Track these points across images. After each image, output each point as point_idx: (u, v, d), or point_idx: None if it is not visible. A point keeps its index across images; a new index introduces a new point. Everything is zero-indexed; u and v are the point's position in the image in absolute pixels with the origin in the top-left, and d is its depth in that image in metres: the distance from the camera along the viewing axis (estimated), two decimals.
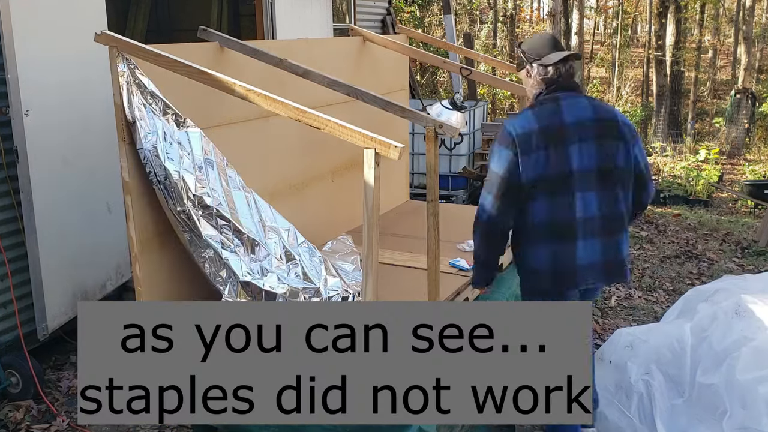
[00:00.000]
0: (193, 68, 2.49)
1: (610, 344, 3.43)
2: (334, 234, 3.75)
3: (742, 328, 2.95)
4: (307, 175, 3.69)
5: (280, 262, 2.74)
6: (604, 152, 2.64)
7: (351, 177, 4.01)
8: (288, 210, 3.53)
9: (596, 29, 28.57)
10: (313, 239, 3.77)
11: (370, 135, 2.24)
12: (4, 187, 3.69)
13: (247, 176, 3.21)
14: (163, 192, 2.59)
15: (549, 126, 2.63)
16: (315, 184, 3.77)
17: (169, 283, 2.80)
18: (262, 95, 2.42)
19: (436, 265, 2.76)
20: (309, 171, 3.70)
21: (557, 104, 2.66)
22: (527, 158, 2.59)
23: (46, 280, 3.57)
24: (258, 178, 3.27)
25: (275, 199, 3.42)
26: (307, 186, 3.70)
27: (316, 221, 3.80)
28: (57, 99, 3.58)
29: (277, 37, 5.49)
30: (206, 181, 2.62)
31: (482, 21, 23.59)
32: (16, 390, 3.64)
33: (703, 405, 2.87)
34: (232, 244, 2.64)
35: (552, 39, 2.80)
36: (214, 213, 2.60)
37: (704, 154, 11.56)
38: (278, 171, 3.45)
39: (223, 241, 2.62)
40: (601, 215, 2.64)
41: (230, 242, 2.64)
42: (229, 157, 3.09)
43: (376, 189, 2.26)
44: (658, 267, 6.10)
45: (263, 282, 2.67)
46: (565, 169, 2.60)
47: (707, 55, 22.23)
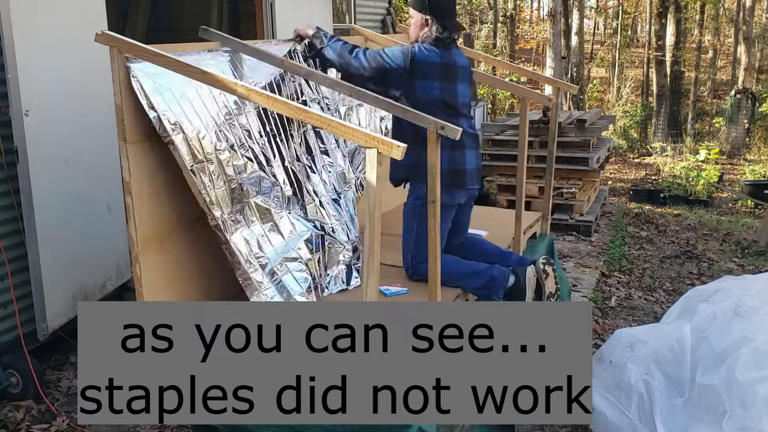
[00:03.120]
0: (194, 68, 2.49)
1: (610, 344, 3.43)
2: None
3: (741, 328, 2.95)
4: None
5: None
6: (470, 90, 3.46)
7: None
8: None
9: (596, 29, 28.58)
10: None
11: (372, 134, 2.24)
12: (4, 187, 3.69)
13: None
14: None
15: (445, 64, 3.27)
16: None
17: (169, 283, 2.80)
18: (263, 95, 2.42)
19: (437, 266, 2.76)
20: None
21: (449, 50, 3.32)
22: (422, 82, 3.20)
23: (46, 280, 3.57)
24: None
25: None
26: None
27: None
28: (57, 99, 3.58)
29: (277, 37, 5.49)
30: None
31: (482, 21, 23.60)
32: (16, 390, 3.64)
33: (703, 405, 2.87)
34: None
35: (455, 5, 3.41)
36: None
37: (704, 154, 11.55)
38: None
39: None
40: (474, 132, 3.43)
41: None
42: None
43: (377, 188, 2.26)
44: (658, 267, 6.10)
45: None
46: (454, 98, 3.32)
47: (707, 55, 22.23)
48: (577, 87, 6.44)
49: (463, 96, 3.35)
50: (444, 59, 3.24)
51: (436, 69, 3.21)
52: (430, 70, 3.19)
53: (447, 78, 3.26)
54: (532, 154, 7.00)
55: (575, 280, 5.43)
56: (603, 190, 8.15)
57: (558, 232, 6.78)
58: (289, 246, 2.99)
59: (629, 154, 15.02)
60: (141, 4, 7.95)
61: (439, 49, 3.24)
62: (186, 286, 2.89)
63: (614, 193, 10.27)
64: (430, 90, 3.19)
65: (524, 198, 3.94)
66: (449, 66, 3.27)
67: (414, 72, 3.16)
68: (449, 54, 3.28)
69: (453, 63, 3.29)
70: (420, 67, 3.16)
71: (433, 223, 2.70)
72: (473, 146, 3.37)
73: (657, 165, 13.11)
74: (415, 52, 3.17)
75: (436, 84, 3.22)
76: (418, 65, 3.16)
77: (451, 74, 3.28)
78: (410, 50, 3.18)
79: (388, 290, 3.17)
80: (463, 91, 3.35)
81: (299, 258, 3.01)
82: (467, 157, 3.31)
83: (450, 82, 3.27)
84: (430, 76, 3.20)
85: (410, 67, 3.15)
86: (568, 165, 7.18)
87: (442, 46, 3.26)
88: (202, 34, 3.17)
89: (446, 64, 3.25)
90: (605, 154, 7.95)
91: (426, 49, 3.21)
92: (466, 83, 3.40)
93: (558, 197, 6.94)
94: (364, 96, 2.86)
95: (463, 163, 3.30)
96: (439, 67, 3.22)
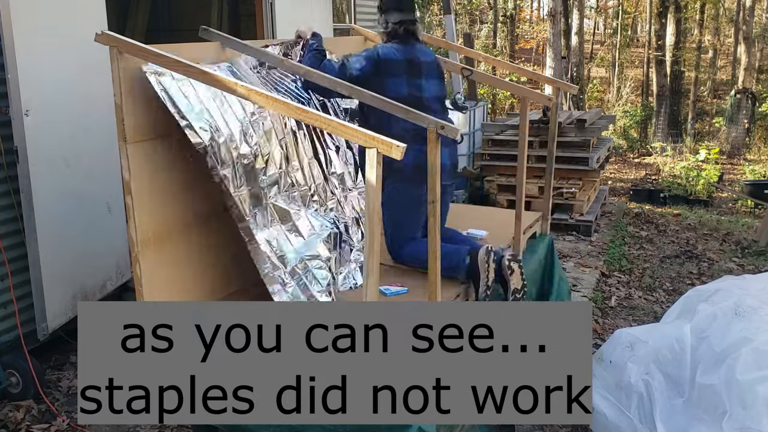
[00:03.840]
0: (194, 68, 2.49)
1: (610, 344, 3.43)
2: None
3: (741, 328, 2.95)
4: None
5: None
6: (440, 85, 3.52)
7: None
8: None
9: (596, 29, 28.57)
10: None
11: (372, 134, 2.24)
12: (4, 187, 3.69)
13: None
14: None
15: (410, 60, 3.34)
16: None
17: (169, 283, 2.80)
18: (263, 95, 2.42)
19: (436, 266, 2.76)
20: None
21: (413, 46, 3.41)
22: (392, 80, 3.28)
23: (46, 280, 3.57)
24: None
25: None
26: None
27: None
28: (57, 99, 3.58)
29: (277, 37, 5.50)
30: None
31: (482, 21, 23.61)
32: (16, 390, 3.64)
33: (703, 405, 2.87)
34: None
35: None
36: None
37: (704, 154, 11.55)
38: None
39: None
40: None
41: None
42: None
43: (377, 188, 2.26)
44: (658, 267, 6.10)
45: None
46: (426, 93, 3.40)
47: (707, 55, 22.22)
48: (577, 87, 6.44)
49: (430, 91, 3.41)
50: (407, 56, 3.35)
51: (401, 66, 3.32)
52: (396, 67, 3.30)
53: (412, 74, 3.36)
54: (532, 154, 7.00)
55: (575, 280, 5.43)
56: (603, 190, 8.15)
57: (558, 232, 6.78)
58: (309, 245, 3.05)
59: (629, 154, 15.02)
60: (141, 4, 7.95)
61: (400, 45, 3.36)
62: (186, 286, 2.89)
63: (614, 193, 10.27)
64: (398, 87, 3.28)
65: (524, 198, 3.93)
66: (413, 62, 3.37)
67: (381, 71, 3.26)
68: (412, 50, 3.39)
69: (416, 59, 3.39)
70: (385, 65, 3.28)
71: (433, 222, 2.70)
72: (447, 143, 3.38)
73: (657, 165, 13.11)
74: (378, 52, 3.30)
75: (404, 80, 3.31)
76: (383, 63, 3.27)
77: (416, 70, 3.37)
78: (374, 50, 3.31)
79: (388, 290, 3.17)
80: (430, 87, 3.42)
81: (319, 256, 3.06)
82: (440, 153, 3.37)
83: (416, 77, 3.37)
84: (397, 73, 3.30)
85: (376, 67, 3.26)
86: (568, 165, 7.18)
87: (402, 43, 3.37)
88: (202, 34, 3.17)
89: (410, 61, 3.36)
90: (605, 154, 7.95)
91: (387, 47, 3.34)
92: (435, 79, 3.47)
93: (558, 197, 6.95)
94: (363, 95, 2.86)
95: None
96: (404, 63, 3.33)
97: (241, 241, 3.18)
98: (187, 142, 2.65)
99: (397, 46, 3.36)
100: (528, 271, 3.56)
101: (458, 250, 3.31)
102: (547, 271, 4.26)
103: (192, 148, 2.68)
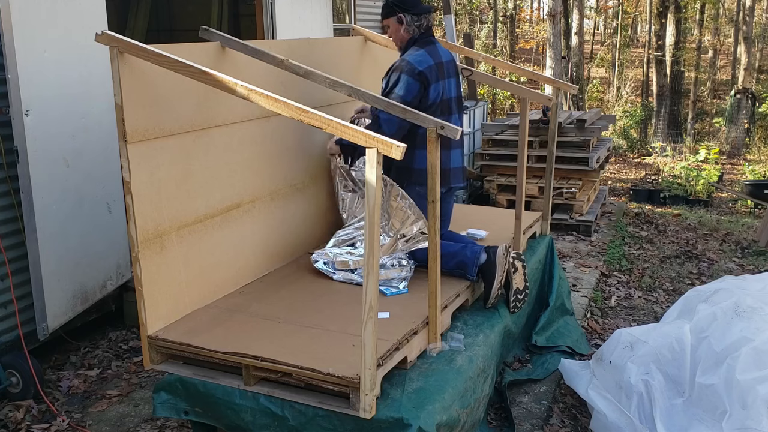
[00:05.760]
0: (195, 68, 2.49)
1: (610, 344, 3.43)
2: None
3: (741, 328, 2.95)
4: (309, 175, 3.69)
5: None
6: (458, 84, 3.54)
7: None
8: (291, 209, 3.54)
9: (596, 29, 28.57)
10: (319, 237, 3.78)
11: (372, 134, 2.23)
12: (4, 187, 3.69)
13: (249, 176, 3.21)
14: None
15: (438, 63, 3.34)
16: (317, 183, 3.77)
17: (169, 283, 2.80)
18: (263, 95, 2.42)
19: (437, 266, 2.76)
20: (310, 170, 3.70)
21: (435, 47, 3.41)
22: (433, 86, 3.28)
23: (46, 280, 3.57)
24: (260, 178, 3.28)
25: (277, 199, 3.42)
26: (309, 186, 3.70)
27: (322, 221, 3.81)
28: (57, 99, 3.58)
29: (277, 37, 5.50)
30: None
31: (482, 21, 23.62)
32: (16, 390, 3.64)
33: (703, 405, 2.87)
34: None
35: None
36: None
37: (704, 154, 11.55)
38: (280, 171, 3.45)
39: None
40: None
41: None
42: (230, 157, 3.09)
43: (377, 188, 2.26)
44: (658, 267, 6.10)
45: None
46: (448, 94, 3.41)
47: (707, 55, 22.22)
48: (577, 87, 6.44)
49: (452, 92, 3.44)
50: (435, 59, 3.34)
51: (434, 70, 3.30)
52: (431, 74, 3.28)
53: (442, 76, 3.36)
54: (532, 154, 7.00)
55: (575, 280, 5.42)
56: (603, 190, 8.15)
57: (558, 232, 6.78)
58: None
59: (629, 154, 15.01)
60: (141, 5, 7.96)
61: (424, 50, 3.33)
62: (186, 286, 2.89)
63: (614, 193, 10.27)
64: (435, 93, 3.29)
65: (524, 198, 3.94)
66: (441, 65, 3.36)
67: (425, 82, 3.24)
68: (435, 51, 3.37)
69: (441, 60, 3.38)
70: (428, 75, 3.25)
71: (433, 223, 2.70)
72: (458, 144, 3.44)
73: (657, 165, 13.10)
74: (415, 66, 3.23)
75: (438, 85, 3.31)
76: (426, 75, 3.24)
77: (442, 72, 3.37)
78: (411, 68, 3.23)
79: (388, 290, 3.17)
80: (451, 87, 3.44)
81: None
82: (453, 156, 3.42)
83: (443, 79, 3.37)
84: (432, 80, 3.28)
85: (422, 83, 3.23)
86: (568, 165, 7.18)
87: (427, 45, 3.34)
88: (202, 34, 3.17)
89: (438, 64, 3.35)
90: (605, 154, 7.95)
91: (416, 57, 3.28)
92: (454, 77, 3.48)
93: (558, 197, 6.95)
94: (364, 96, 2.86)
95: (448, 162, 3.40)
96: (435, 68, 3.31)
97: (240, 242, 3.18)
98: (188, 141, 2.64)
99: (422, 51, 3.32)
100: (528, 271, 3.56)
101: (465, 249, 3.30)
102: (547, 272, 4.26)
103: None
